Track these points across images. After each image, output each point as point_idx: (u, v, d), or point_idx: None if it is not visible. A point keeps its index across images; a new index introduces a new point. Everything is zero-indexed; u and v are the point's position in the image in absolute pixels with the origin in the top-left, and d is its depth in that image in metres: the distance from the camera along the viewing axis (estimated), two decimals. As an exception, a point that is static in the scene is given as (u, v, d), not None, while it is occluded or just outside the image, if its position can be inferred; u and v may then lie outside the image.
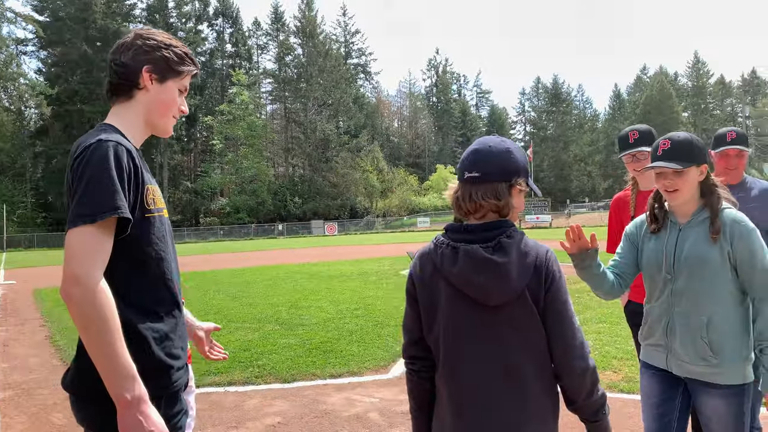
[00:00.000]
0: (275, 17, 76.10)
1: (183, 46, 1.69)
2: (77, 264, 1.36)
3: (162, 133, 1.71)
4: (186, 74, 1.69)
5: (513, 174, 1.59)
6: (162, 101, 1.65)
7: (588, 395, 1.55)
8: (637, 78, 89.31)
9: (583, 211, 61.62)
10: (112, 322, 1.36)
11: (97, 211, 1.38)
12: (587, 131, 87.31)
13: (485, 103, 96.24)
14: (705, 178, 2.18)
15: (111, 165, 1.43)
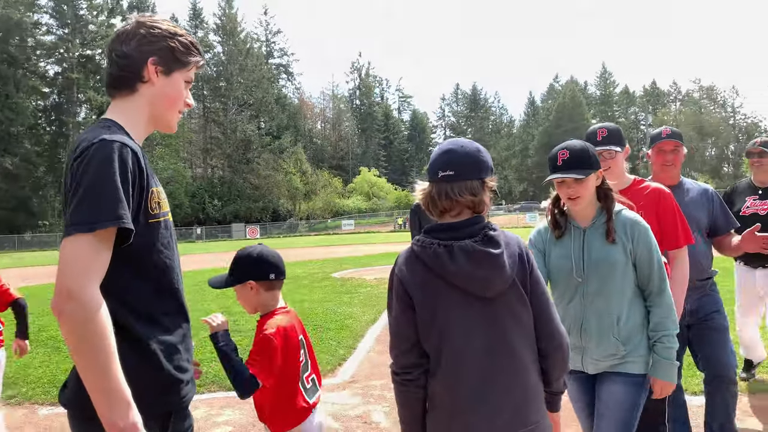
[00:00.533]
0: (193, 13, 73.73)
1: (188, 35, 1.59)
2: (71, 277, 1.24)
3: (166, 128, 1.59)
4: (192, 65, 1.58)
5: (485, 171, 1.65)
6: (167, 95, 1.54)
7: (566, 367, 1.67)
8: (550, 86, 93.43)
9: (500, 213, 63.70)
10: (108, 342, 1.24)
11: (96, 220, 1.27)
12: (504, 136, 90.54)
13: (407, 107, 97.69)
14: (601, 182, 2.29)
15: (115, 168, 1.30)
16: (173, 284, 1.49)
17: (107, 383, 1.24)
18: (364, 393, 4.69)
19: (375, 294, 10.36)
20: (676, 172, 3.27)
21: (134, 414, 1.26)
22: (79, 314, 1.22)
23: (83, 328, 1.22)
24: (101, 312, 1.25)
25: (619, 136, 2.79)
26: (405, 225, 54.96)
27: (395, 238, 36.32)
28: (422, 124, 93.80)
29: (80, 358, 1.24)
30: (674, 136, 3.23)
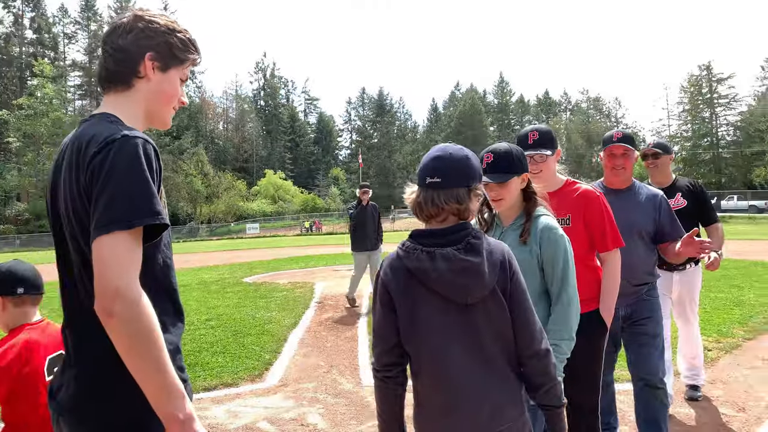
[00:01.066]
0: (86, 5, 69.34)
1: (186, 31, 1.56)
2: (116, 276, 1.22)
3: (161, 125, 1.56)
4: (189, 62, 1.56)
5: (472, 179, 1.70)
6: (164, 91, 1.51)
7: (553, 377, 1.69)
8: (452, 94, 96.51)
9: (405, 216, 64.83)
10: (160, 337, 1.24)
11: (134, 216, 1.25)
12: (409, 142, 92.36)
13: (313, 110, 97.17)
14: (526, 185, 2.38)
15: (143, 164, 1.29)
16: (173, 284, 1.48)
17: (165, 378, 1.24)
18: (296, 396, 4.69)
19: (291, 298, 10.28)
20: (627, 176, 3.26)
21: (190, 405, 1.27)
22: (130, 313, 1.21)
23: (136, 325, 1.21)
24: (150, 307, 1.24)
25: (551, 139, 2.73)
26: (312, 228, 54.70)
27: (303, 241, 36.05)
28: (329, 127, 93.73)
29: (135, 356, 1.22)
30: (624, 140, 3.20)
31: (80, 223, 1.34)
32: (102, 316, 1.23)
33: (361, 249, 9.08)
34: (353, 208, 9.18)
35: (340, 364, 5.60)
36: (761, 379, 4.61)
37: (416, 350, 1.67)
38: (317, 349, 6.28)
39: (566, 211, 2.66)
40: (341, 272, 14.49)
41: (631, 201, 3.19)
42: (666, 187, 3.95)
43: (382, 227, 9.39)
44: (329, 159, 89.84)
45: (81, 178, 1.32)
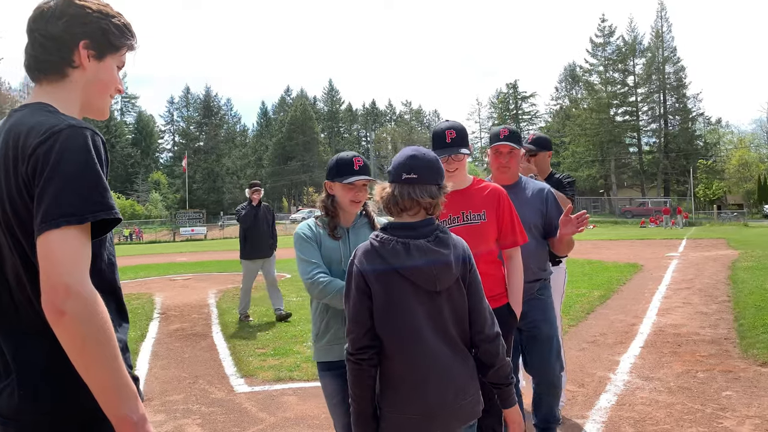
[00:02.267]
0: None
1: (121, 14, 1.45)
2: (67, 272, 1.13)
3: (98, 115, 1.45)
4: (125, 49, 1.46)
5: (441, 178, 1.92)
6: (100, 81, 1.40)
7: (503, 357, 1.92)
8: (281, 98, 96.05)
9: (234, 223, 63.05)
10: (114, 337, 1.17)
11: (86, 210, 1.17)
12: (238, 146, 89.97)
13: (131, 109, 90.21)
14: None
15: (93, 156, 1.22)
16: (118, 283, 1.41)
17: (118, 378, 1.17)
18: (166, 409, 4.46)
19: (131, 310, 9.57)
20: (513, 173, 3.23)
21: (142, 406, 1.21)
22: (83, 311, 1.13)
23: (90, 324, 1.13)
24: (103, 305, 1.17)
25: (466, 138, 2.73)
26: (132, 237, 50.79)
27: (124, 251, 33.35)
28: (149, 128, 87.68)
29: (88, 357, 1.14)
30: (510, 138, 3.15)
31: (19, 219, 1.24)
32: (52, 315, 1.14)
33: (253, 256, 8.15)
34: (243, 209, 8.23)
35: (206, 374, 5.42)
36: (589, 359, 5.41)
37: (391, 333, 1.80)
38: (175, 361, 5.99)
39: (481, 207, 2.71)
40: (178, 282, 13.79)
41: (519, 197, 3.13)
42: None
43: (276, 231, 8.56)
44: (149, 162, 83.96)
45: (20, 170, 1.22)
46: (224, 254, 23.65)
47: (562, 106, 78.88)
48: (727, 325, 6.64)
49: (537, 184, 3.30)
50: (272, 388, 4.85)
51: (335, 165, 2.59)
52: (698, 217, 46.72)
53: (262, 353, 6.04)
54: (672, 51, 68.26)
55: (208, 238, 48.58)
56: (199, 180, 79.53)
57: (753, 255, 15.12)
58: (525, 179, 3.34)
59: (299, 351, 5.98)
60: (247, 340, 6.74)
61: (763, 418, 3.76)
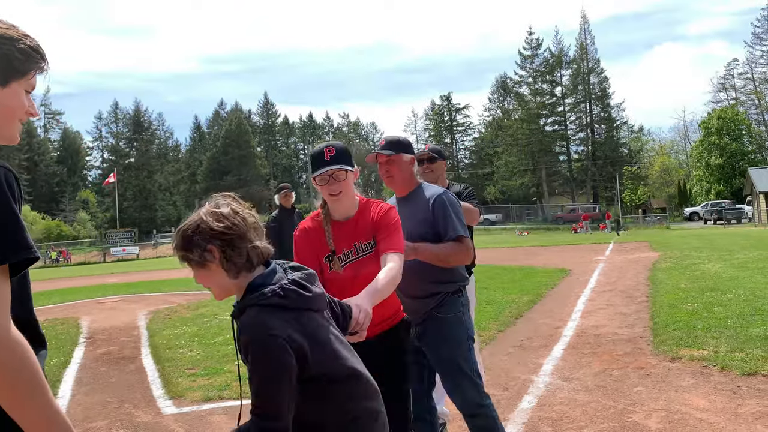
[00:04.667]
0: None
1: (26, 36, 1.39)
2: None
3: (8, 141, 1.41)
4: (33, 72, 1.41)
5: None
6: (6, 109, 1.35)
7: None
8: (216, 112, 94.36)
9: (169, 241, 61.32)
10: (42, 378, 1.18)
11: (6, 252, 1.16)
12: (171, 161, 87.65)
13: (56, 126, 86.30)
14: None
15: (8, 196, 1.20)
16: (34, 314, 1.40)
17: (54, 416, 1.18)
18: (89, 437, 4.33)
19: (53, 336, 9.13)
20: (400, 182, 2.98)
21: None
22: (11, 360, 1.12)
23: (19, 371, 1.12)
24: (28, 347, 1.16)
25: (348, 156, 2.47)
26: (59, 259, 48.51)
27: (51, 274, 31.85)
28: (76, 145, 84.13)
29: (17, 398, 1.14)
30: (388, 146, 2.95)
31: None
32: None
33: None
34: (274, 218, 7.36)
35: (132, 398, 5.27)
36: (515, 363, 5.62)
37: (332, 372, 1.62)
38: (101, 386, 5.80)
39: (370, 234, 2.46)
40: (107, 304, 13.30)
41: (410, 207, 2.93)
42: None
43: None
44: (77, 180, 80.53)
45: None
46: (157, 274, 22.94)
47: (495, 117, 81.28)
48: (643, 324, 7.04)
49: (431, 190, 2.96)
50: (201, 408, 4.77)
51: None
52: (625, 222, 49.04)
53: (192, 374, 5.94)
54: (596, 62, 71.86)
55: (140, 258, 46.98)
56: (130, 197, 76.91)
57: (671, 256, 16.06)
58: (424, 187, 3.01)
59: (230, 370, 5.92)
60: (177, 361, 6.59)
61: (668, 411, 4.03)
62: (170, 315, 10.57)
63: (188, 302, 12.40)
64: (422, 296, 2.87)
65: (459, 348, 2.87)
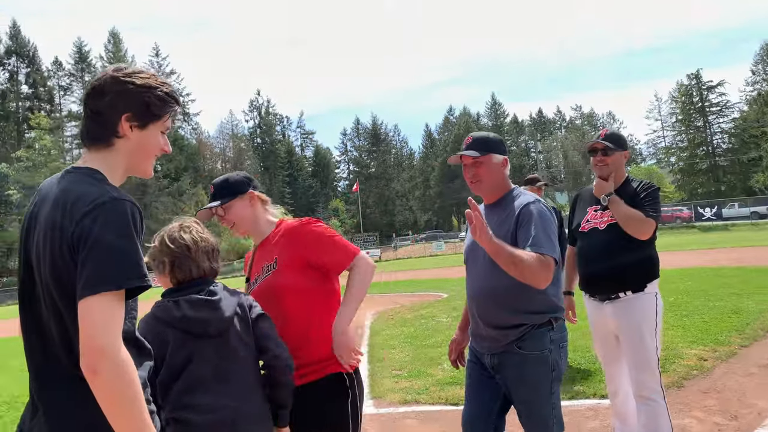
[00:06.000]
0: (79, 57, 70.60)
1: (163, 84, 1.59)
2: (101, 335, 1.30)
3: (143, 174, 1.62)
4: (168, 115, 1.60)
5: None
6: (143, 148, 1.56)
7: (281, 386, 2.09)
8: (445, 119, 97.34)
9: (407, 243, 64.82)
10: (140, 393, 1.33)
11: (122, 278, 1.34)
12: (406, 168, 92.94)
13: (310, 144, 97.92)
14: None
15: (131, 228, 1.37)
16: (135, 331, 1.55)
17: (142, 427, 1.32)
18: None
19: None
20: (489, 187, 2.62)
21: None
22: (114, 371, 1.28)
23: (119, 383, 1.28)
24: (131, 365, 1.32)
25: (232, 185, 2.44)
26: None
27: (306, 275, 35.91)
28: (326, 160, 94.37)
29: (117, 412, 1.30)
30: (474, 146, 2.59)
31: (59, 281, 1.38)
32: (88, 373, 1.29)
33: None
34: None
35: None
36: (755, 387, 4.62)
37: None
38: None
39: (273, 254, 2.34)
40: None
41: (497, 215, 2.59)
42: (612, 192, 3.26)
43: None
44: (328, 191, 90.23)
45: (66, 236, 1.37)
46: (395, 275, 24.33)
47: (761, 91, 69.22)
48: None
49: (523, 197, 2.57)
50: (396, 411, 4.87)
51: None
52: None
53: (397, 375, 6.10)
54: None
55: (382, 260, 50.59)
56: (372, 204, 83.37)
57: None
58: (515, 194, 2.63)
59: (433, 374, 5.94)
60: (387, 362, 6.86)
61: None
62: (393, 316, 11.07)
63: (412, 303, 12.89)
64: (502, 326, 2.49)
65: (537, 392, 2.46)
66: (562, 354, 2.53)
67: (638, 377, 3.07)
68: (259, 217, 2.45)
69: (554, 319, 2.51)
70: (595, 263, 3.18)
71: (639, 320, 3.07)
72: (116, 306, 1.34)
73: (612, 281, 3.14)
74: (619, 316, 3.13)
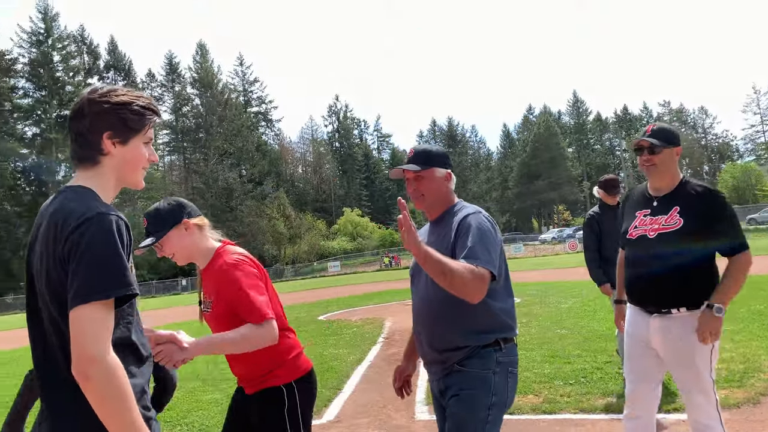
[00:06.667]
0: (170, 68, 74.85)
1: (139, 97, 1.66)
2: (91, 343, 1.38)
3: (134, 186, 1.70)
4: (148, 126, 1.67)
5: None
6: (128, 161, 1.64)
7: None
8: (524, 118, 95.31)
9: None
10: (131, 395, 1.41)
11: (110, 287, 1.42)
12: (483, 170, 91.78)
13: (386, 146, 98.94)
14: None
15: (117, 241, 1.46)
16: (132, 338, 1.60)
17: (132, 427, 1.40)
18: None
19: (360, 334, 10.42)
20: (431, 203, 2.51)
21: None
22: (105, 376, 1.37)
23: (109, 387, 1.37)
24: (121, 369, 1.41)
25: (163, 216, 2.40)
26: (391, 263, 54.91)
27: (381, 277, 36.28)
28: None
29: (108, 415, 1.39)
30: (416, 158, 2.51)
31: (55, 293, 1.48)
32: (79, 379, 1.39)
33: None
34: (595, 215, 5.35)
35: (397, 400, 5.60)
36: None
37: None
38: (378, 385, 6.33)
39: (210, 292, 2.41)
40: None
41: (437, 233, 2.46)
42: (664, 196, 2.91)
43: None
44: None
45: (58, 251, 1.46)
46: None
47: None
48: None
49: (466, 210, 2.40)
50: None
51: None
52: None
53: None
54: None
55: (458, 262, 50.08)
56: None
57: None
58: (458, 207, 2.47)
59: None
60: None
61: None
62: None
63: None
64: (446, 348, 2.30)
65: (471, 411, 2.21)
66: (510, 381, 2.28)
67: (692, 400, 2.78)
68: (197, 244, 2.42)
69: (503, 339, 2.28)
70: (644, 276, 2.87)
71: (692, 341, 2.71)
72: (105, 314, 1.42)
73: (664, 296, 2.82)
74: (666, 334, 2.80)
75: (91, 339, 1.38)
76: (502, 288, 2.29)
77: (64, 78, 65.57)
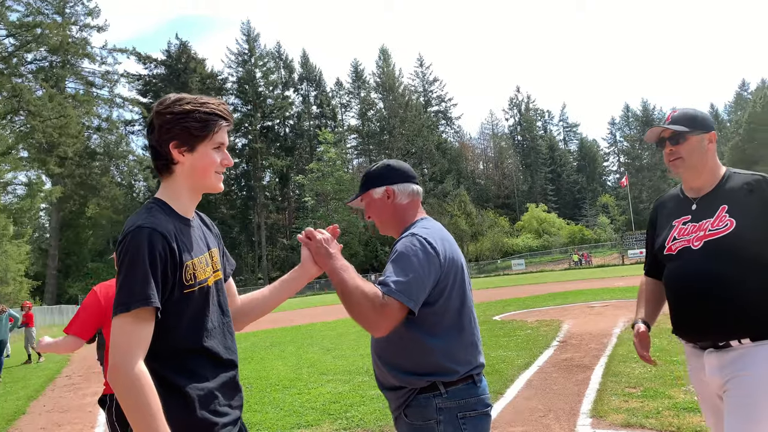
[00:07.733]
0: (355, 76, 79.39)
1: (203, 104, 1.67)
2: (117, 353, 1.46)
3: (211, 191, 1.74)
4: (215, 132, 1.67)
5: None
6: (198, 168, 1.67)
7: None
8: (737, 95, 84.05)
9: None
10: (153, 405, 1.44)
11: (130, 301, 1.47)
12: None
13: (573, 137, 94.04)
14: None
15: (145, 254, 1.49)
16: (202, 342, 1.62)
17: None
18: (501, 441, 4.51)
19: (534, 337, 9.96)
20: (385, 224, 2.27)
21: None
22: (125, 385, 1.44)
23: (129, 395, 1.44)
24: (143, 381, 1.44)
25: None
26: (581, 261, 51.96)
27: (569, 276, 34.49)
28: (592, 153, 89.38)
29: (130, 414, 1.46)
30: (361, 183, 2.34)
31: None
32: (110, 384, 1.49)
33: None
34: None
35: (559, 409, 5.21)
36: None
37: None
38: (542, 392, 5.95)
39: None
40: (596, 308, 13.50)
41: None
42: (705, 195, 2.31)
43: None
44: (595, 186, 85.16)
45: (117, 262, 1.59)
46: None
47: None
48: None
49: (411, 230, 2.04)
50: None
51: None
52: None
53: (629, 393, 5.42)
54: None
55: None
56: (645, 199, 76.17)
57: None
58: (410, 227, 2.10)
59: (672, 395, 5.13)
60: (622, 377, 6.14)
61: None
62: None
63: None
64: (387, 386, 2.01)
65: None
66: (466, 428, 1.88)
67: None
68: None
69: (443, 383, 1.89)
70: (690, 298, 2.19)
71: (757, 381, 2.04)
72: (133, 326, 1.47)
73: (718, 324, 2.13)
74: (726, 373, 2.12)
75: (115, 350, 1.45)
76: (450, 322, 1.93)
77: (266, 92, 73.35)
